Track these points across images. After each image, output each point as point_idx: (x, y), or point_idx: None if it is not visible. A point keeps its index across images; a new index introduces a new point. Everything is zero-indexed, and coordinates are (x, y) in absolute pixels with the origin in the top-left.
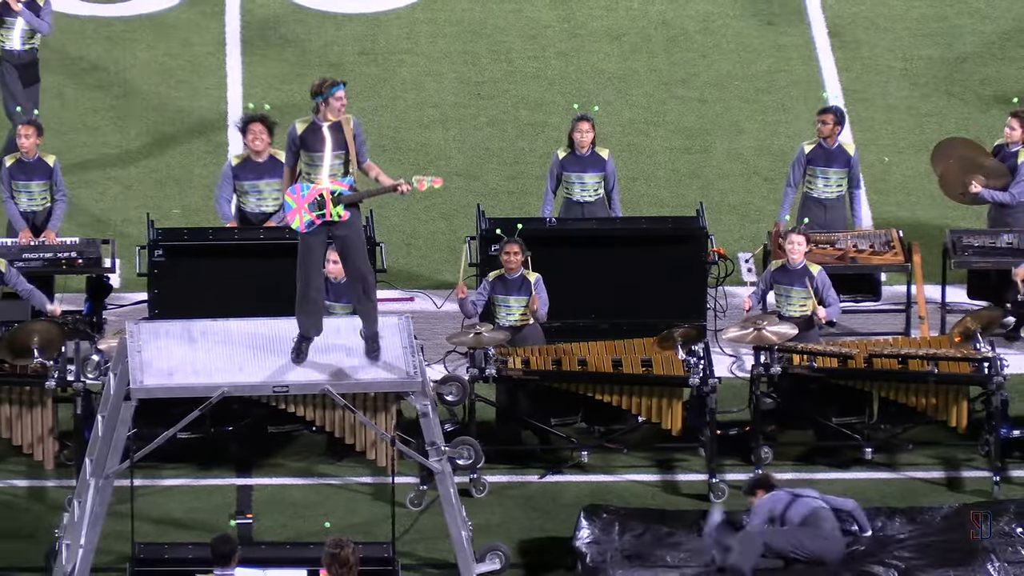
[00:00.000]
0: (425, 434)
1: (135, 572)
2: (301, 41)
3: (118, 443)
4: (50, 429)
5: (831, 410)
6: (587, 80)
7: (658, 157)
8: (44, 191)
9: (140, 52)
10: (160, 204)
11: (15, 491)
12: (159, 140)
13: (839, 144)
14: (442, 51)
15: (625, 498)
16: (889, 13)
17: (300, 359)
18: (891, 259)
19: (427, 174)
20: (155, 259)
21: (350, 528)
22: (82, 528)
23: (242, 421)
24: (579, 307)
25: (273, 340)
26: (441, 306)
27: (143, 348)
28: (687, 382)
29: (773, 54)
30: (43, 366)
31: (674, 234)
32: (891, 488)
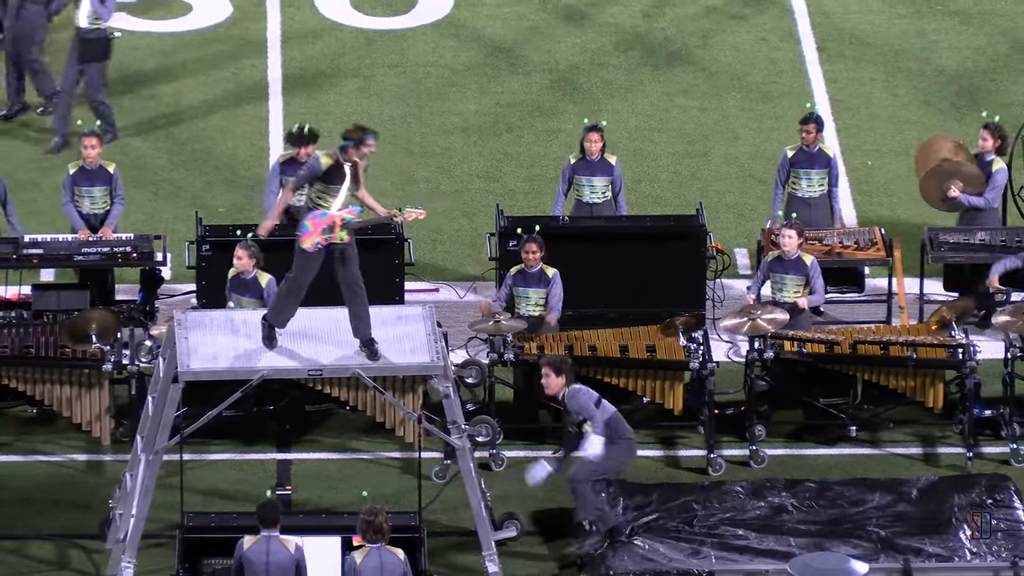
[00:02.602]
0: (447, 413)
1: (184, 539)
2: (336, 55)
3: (167, 422)
4: (107, 408)
5: (819, 391)
6: (597, 90)
7: (661, 161)
8: (105, 196)
9: (189, 65)
10: (207, 203)
11: (75, 465)
12: (207, 145)
13: (820, 148)
14: (464, 64)
15: (631, 472)
16: (872, 30)
17: (272, 344)
18: (874, 254)
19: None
20: (202, 253)
21: (380, 499)
22: (133, 499)
23: (282, 401)
24: (589, 297)
25: (308, 328)
26: (464, 296)
27: (190, 335)
28: (688, 366)
29: (766, 67)
30: (100, 351)
31: (676, 231)
32: (873, 463)
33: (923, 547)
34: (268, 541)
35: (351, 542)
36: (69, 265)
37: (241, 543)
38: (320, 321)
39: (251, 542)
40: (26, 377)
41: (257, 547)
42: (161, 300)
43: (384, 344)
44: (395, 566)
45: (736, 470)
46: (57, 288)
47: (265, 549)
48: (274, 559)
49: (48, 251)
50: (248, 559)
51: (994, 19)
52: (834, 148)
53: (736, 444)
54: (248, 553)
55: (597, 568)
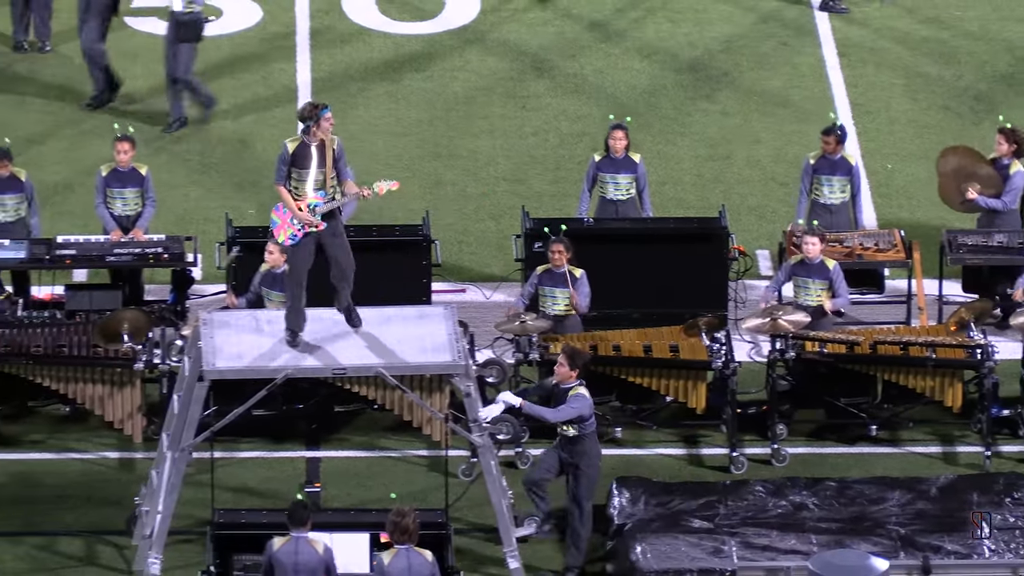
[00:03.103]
0: (468, 412)
1: (215, 535)
2: (364, 59)
3: (192, 420)
4: (138, 406)
5: (840, 391)
6: (621, 94)
7: (684, 164)
8: (137, 198)
9: (220, 68)
10: (237, 205)
11: (107, 462)
12: (237, 147)
13: (842, 156)
14: (491, 68)
15: (654, 470)
16: (892, 35)
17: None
18: (893, 256)
19: (384, 179)
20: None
21: (408, 496)
22: (160, 496)
23: (311, 400)
24: (613, 298)
25: (333, 327)
26: (490, 297)
27: (215, 334)
28: (710, 366)
29: (788, 72)
30: (132, 350)
31: (699, 233)
32: (893, 461)
33: (942, 544)
34: (297, 542)
35: (379, 539)
36: (101, 266)
37: (271, 543)
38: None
39: (281, 543)
40: (59, 376)
41: (286, 548)
42: (191, 300)
43: (406, 343)
44: (423, 567)
45: (758, 468)
46: (90, 288)
47: (294, 550)
48: (302, 560)
49: (80, 252)
50: (278, 560)
51: (1012, 25)
52: (854, 152)
53: (758, 443)
54: (278, 554)
55: (620, 566)
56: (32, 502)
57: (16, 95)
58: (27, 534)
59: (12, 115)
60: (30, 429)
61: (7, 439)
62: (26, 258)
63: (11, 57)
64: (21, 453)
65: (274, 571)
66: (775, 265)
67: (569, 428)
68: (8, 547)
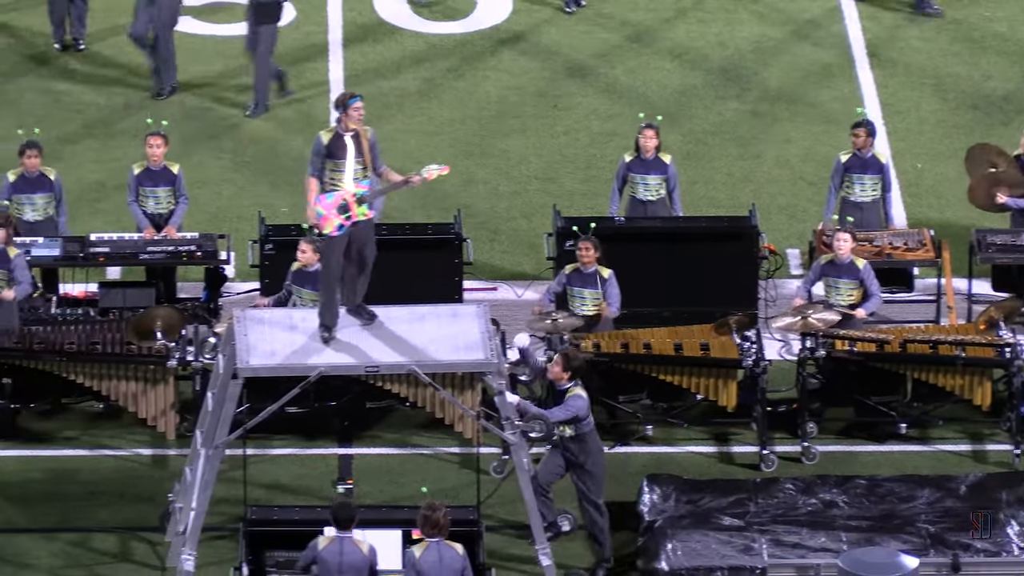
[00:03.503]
0: (501, 410)
1: (247, 532)
2: (396, 58)
3: (226, 417)
4: (171, 403)
5: (869, 390)
6: (652, 94)
7: (715, 163)
8: (169, 196)
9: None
10: (270, 203)
11: (140, 459)
12: (270, 145)
13: (872, 153)
14: (522, 67)
15: (685, 467)
16: (921, 35)
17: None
18: (923, 255)
19: (435, 163)
20: (266, 252)
21: (440, 493)
22: (193, 493)
23: (343, 397)
24: (644, 296)
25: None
26: (522, 295)
27: (249, 332)
28: (741, 364)
29: (817, 71)
30: (165, 347)
31: (729, 232)
32: (922, 459)
33: (971, 542)
34: (342, 542)
35: (411, 535)
36: (134, 263)
37: (316, 543)
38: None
39: (326, 542)
40: (93, 373)
41: (331, 547)
42: (224, 298)
43: (439, 341)
44: (454, 560)
45: (788, 466)
46: (123, 286)
47: (339, 550)
48: (347, 559)
49: (114, 250)
50: (322, 559)
51: None
52: (884, 151)
53: (788, 441)
54: (323, 553)
55: (650, 563)
56: (66, 498)
57: (51, 93)
58: (61, 530)
59: (47, 113)
60: (64, 426)
61: (41, 436)
62: (60, 256)
63: (47, 55)
64: (55, 450)
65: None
66: (805, 264)
67: (566, 428)
68: (43, 543)
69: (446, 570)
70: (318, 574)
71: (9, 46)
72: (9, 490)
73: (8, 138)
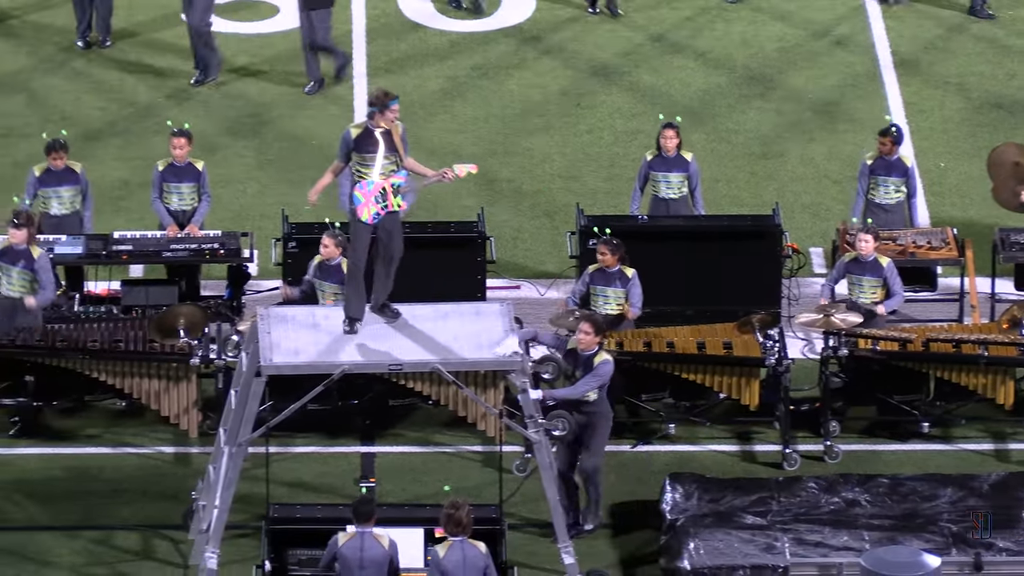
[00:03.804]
0: (524, 408)
1: (270, 530)
2: (419, 56)
3: (249, 415)
4: (194, 401)
5: (892, 388)
6: (675, 92)
7: (738, 161)
8: (193, 192)
9: (276, 65)
10: (293, 201)
11: (163, 457)
12: (293, 143)
13: (898, 157)
14: (546, 66)
15: (707, 466)
16: (945, 34)
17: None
18: (946, 254)
19: (464, 162)
20: (289, 250)
21: (462, 491)
22: (217, 491)
23: (366, 395)
24: (667, 295)
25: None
26: (544, 293)
27: (272, 330)
28: (764, 362)
29: (841, 70)
30: (188, 345)
31: (752, 230)
32: (945, 458)
33: (994, 541)
34: (362, 537)
35: (433, 534)
36: (157, 261)
37: (336, 539)
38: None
39: (346, 538)
40: (115, 371)
41: (352, 543)
42: (247, 296)
43: (463, 340)
44: (477, 559)
45: (811, 465)
46: (146, 284)
47: (359, 545)
48: (368, 555)
49: (137, 247)
50: (343, 555)
51: None
52: (908, 150)
53: (811, 440)
54: (343, 549)
55: (672, 562)
56: (88, 496)
57: (75, 91)
58: (84, 528)
59: (71, 110)
60: (86, 424)
61: (64, 433)
62: (83, 254)
63: (71, 53)
64: (77, 447)
65: (339, 566)
66: (828, 263)
67: (592, 392)
68: (65, 541)
69: (470, 569)
70: (339, 570)
71: (34, 44)
72: (32, 488)
73: (34, 136)
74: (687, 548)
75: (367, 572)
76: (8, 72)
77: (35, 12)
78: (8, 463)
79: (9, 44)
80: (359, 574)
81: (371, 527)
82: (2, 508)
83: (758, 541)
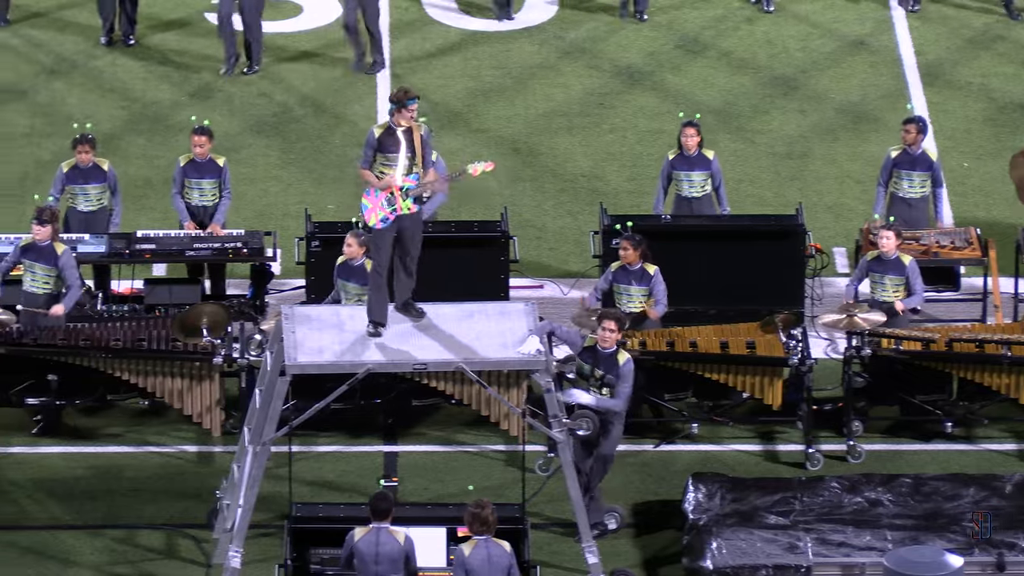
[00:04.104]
0: (548, 408)
1: (292, 529)
2: (442, 56)
3: (274, 414)
4: (217, 400)
5: (915, 388)
6: (699, 92)
7: (762, 161)
8: (214, 188)
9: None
10: (317, 200)
11: (185, 456)
12: (316, 143)
13: (922, 150)
14: (569, 66)
15: (730, 466)
16: (969, 35)
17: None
18: (969, 254)
19: (478, 160)
20: (312, 249)
21: (485, 491)
22: (241, 490)
23: (389, 394)
24: (691, 295)
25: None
26: (568, 293)
27: (297, 329)
28: (787, 362)
29: (865, 70)
30: (211, 344)
31: (776, 230)
32: (968, 458)
33: (1017, 541)
34: (378, 532)
35: (456, 533)
36: (180, 260)
37: (352, 534)
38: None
39: (362, 533)
40: (138, 370)
41: (367, 538)
42: (270, 295)
43: (487, 339)
44: (501, 557)
45: (833, 465)
46: (169, 282)
47: (375, 540)
48: (383, 550)
49: (160, 246)
50: (359, 549)
51: None
52: (934, 151)
53: (834, 439)
54: (359, 544)
55: (695, 562)
56: (111, 495)
57: (98, 89)
58: (107, 527)
59: (94, 110)
60: (109, 422)
61: (86, 432)
62: (106, 252)
63: (95, 51)
64: (100, 446)
65: (355, 561)
66: (851, 263)
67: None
68: (88, 540)
69: (495, 568)
70: (356, 565)
71: (59, 41)
72: (55, 486)
73: (57, 135)
74: (710, 548)
75: (382, 567)
76: (31, 71)
77: (58, 10)
78: (31, 462)
79: (33, 42)
80: (374, 569)
81: (387, 523)
82: (25, 507)
83: (781, 541)
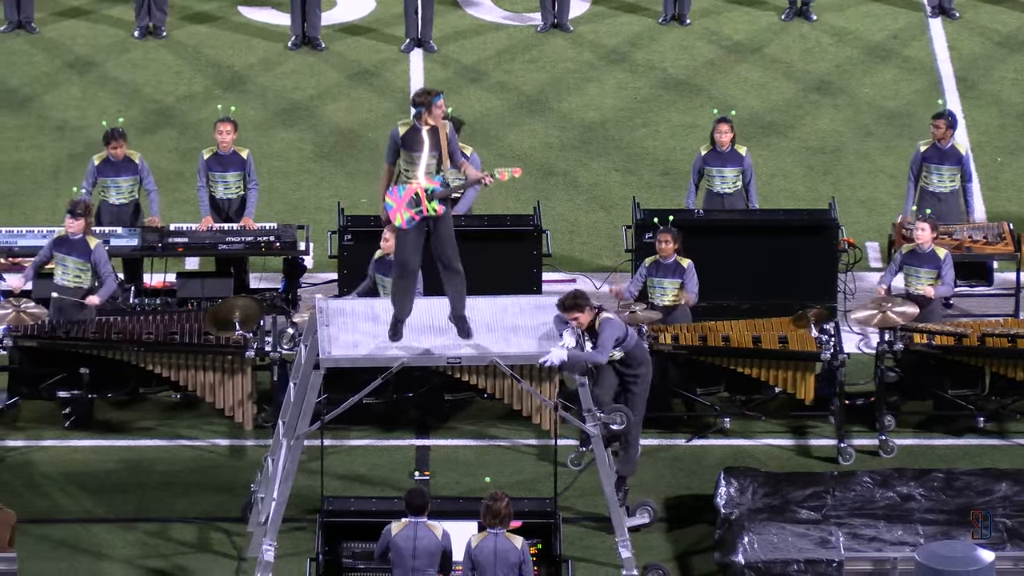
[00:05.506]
0: (582, 402)
1: (324, 523)
2: (476, 49)
3: (308, 407)
4: (249, 394)
5: (948, 383)
6: (732, 87)
7: (795, 156)
8: (239, 181)
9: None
10: (350, 194)
11: (217, 449)
12: (350, 137)
13: (952, 144)
14: (603, 60)
15: (762, 460)
16: (1003, 30)
17: (397, 338)
18: (1002, 249)
19: (507, 166)
20: (344, 243)
21: (517, 485)
22: (275, 483)
23: (421, 388)
24: (723, 289)
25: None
26: (600, 287)
27: (331, 323)
28: (819, 357)
29: (898, 65)
30: (243, 338)
31: (809, 225)
32: (1000, 453)
33: None
34: (416, 527)
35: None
36: (213, 254)
37: (389, 528)
38: None
39: (399, 527)
40: (170, 363)
41: (405, 532)
42: (303, 288)
43: (522, 333)
44: (510, 553)
45: (866, 459)
46: (201, 276)
47: (413, 535)
48: (421, 544)
49: (192, 240)
50: (396, 544)
51: None
52: (964, 145)
53: (866, 434)
54: (396, 538)
55: (727, 556)
56: (142, 489)
57: (131, 82)
58: (139, 520)
59: (126, 102)
60: (141, 416)
61: (118, 426)
62: (138, 246)
63: (128, 43)
64: (132, 440)
65: (392, 556)
66: (884, 257)
67: (615, 352)
68: (120, 533)
69: (501, 562)
70: (393, 560)
71: (92, 34)
72: (87, 480)
73: (89, 127)
74: (742, 542)
75: (420, 562)
76: (63, 64)
77: (92, 3)
78: (62, 455)
79: (65, 36)
80: (412, 563)
81: (424, 517)
82: (57, 500)
83: (812, 535)
